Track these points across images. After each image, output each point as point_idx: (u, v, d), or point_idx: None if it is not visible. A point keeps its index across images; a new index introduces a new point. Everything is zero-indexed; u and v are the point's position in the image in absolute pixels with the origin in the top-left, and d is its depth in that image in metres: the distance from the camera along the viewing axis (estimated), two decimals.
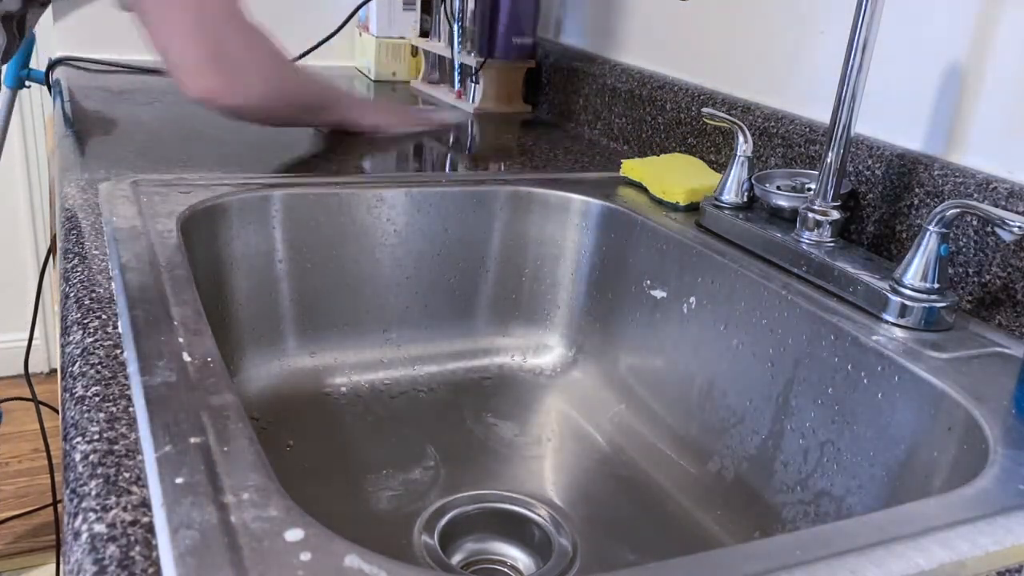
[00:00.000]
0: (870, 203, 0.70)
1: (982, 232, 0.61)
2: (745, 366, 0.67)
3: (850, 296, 0.62)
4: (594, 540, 0.65)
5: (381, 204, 0.79)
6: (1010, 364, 0.55)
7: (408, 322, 0.84)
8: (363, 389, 0.79)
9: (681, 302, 0.74)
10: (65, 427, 0.40)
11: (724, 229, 0.74)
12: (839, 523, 0.38)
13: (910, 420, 0.54)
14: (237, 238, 0.74)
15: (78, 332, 0.48)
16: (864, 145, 0.71)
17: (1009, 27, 0.61)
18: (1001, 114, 0.62)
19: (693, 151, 0.91)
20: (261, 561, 0.32)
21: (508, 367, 0.85)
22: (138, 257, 0.57)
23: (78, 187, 0.71)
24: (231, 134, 0.93)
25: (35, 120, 1.98)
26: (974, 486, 0.43)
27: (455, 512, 0.67)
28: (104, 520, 0.34)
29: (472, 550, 0.66)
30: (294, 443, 0.72)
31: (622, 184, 0.88)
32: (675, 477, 0.71)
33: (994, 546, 0.38)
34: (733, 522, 0.65)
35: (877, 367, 0.56)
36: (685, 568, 0.35)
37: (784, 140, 0.79)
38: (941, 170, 0.64)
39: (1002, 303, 0.61)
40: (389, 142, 0.99)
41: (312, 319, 0.80)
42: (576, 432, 0.77)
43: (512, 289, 0.86)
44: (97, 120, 0.94)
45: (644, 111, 0.99)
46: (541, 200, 0.84)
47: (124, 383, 0.43)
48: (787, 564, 0.35)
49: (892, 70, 0.71)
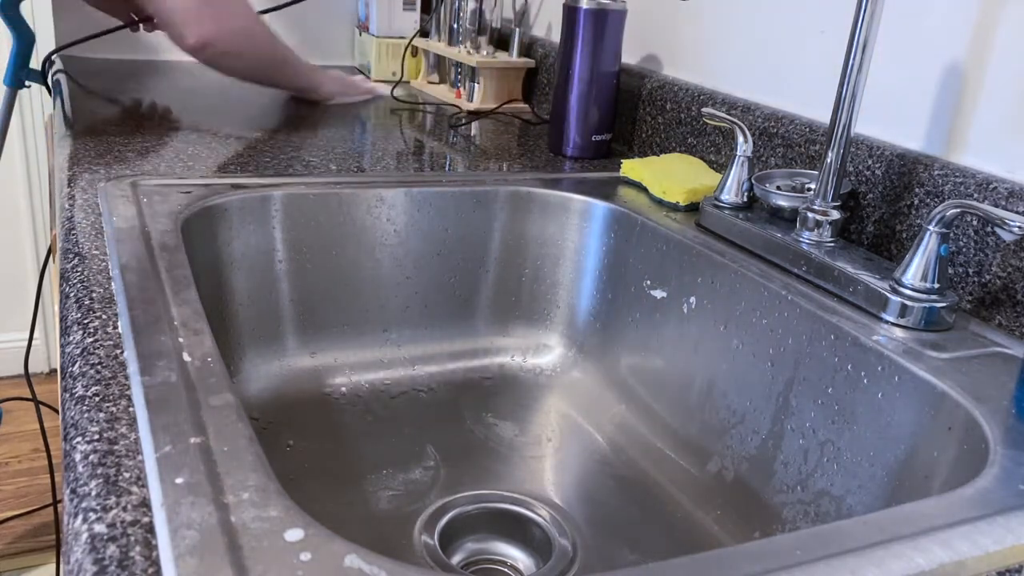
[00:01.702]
0: (870, 203, 0.70)
1: (982, 232, 0.61)
2: (745, 366, 0.67)
3: (850, 296, 0.62)
4: (594, 540, 0.65)
5: (381, 204, 0.79)
6: (1010, 364, 0.55)
7: (408, 322, 0.84)
8: (363, 389, 0.79)
9: (681, 302, 0.74)
10: (65, 427, 0.40)
11: (724, 229, 0.74)
12: (839, 523, 0.38)
13: (910, 420, 0.54)
14: (237, 238, 0.74)
15: (78, 332, 0.48)
16: (864, 145, 0.71)
17: (1009, 27, 0.61)
18: (1001, 114, 0.62)
19: (693, 151, 0.91)
20: (261, 561, 0.32)
21: (508, 367, 0.85)
22: (138, 257, 0.57)
23: (78, 187, 0.71)
24: (231, 134, 0.93)
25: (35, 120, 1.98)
26: (974, 486, 0.43)
27: (455, 512, 0.67)
28: (104, 520, 0.34)
29: (472, 550, 0.66)
30: (294, 443, 0.72)
31: (622, 184, 0.88)
32: (675, 477, 0.71)
33: (994, 546, 0.38)
34: (733, 522, 0.65)
35: (877, 367, 0.56)
36: (685, 568, 0.35)
37: (784, 140, 0.79)
38: (941, 170, 0.64)
39: (1002, 303, 0.61)
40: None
41: (312, 319, 0.80)
42: (576, 432, 0.77)
43: (512, 289, 0.86)
44: (97, 120, 0.94)
45: (644, 111, 0.99)
46: (541, 200, 0.84)
47: (124, 383, 0.43)
48: (787, 564, 0.35)
49: (892, 70, 0.71)
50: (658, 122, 0.96)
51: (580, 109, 0.96)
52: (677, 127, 0.93)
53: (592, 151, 0.98)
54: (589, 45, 0.94)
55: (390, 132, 1.03)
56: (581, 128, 0.97)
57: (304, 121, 1.03)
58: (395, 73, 1.37)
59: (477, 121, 1.13)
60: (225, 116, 1.01)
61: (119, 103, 1.04)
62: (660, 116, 0.96)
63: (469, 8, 1.21)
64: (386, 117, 1.11)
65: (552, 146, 0.99)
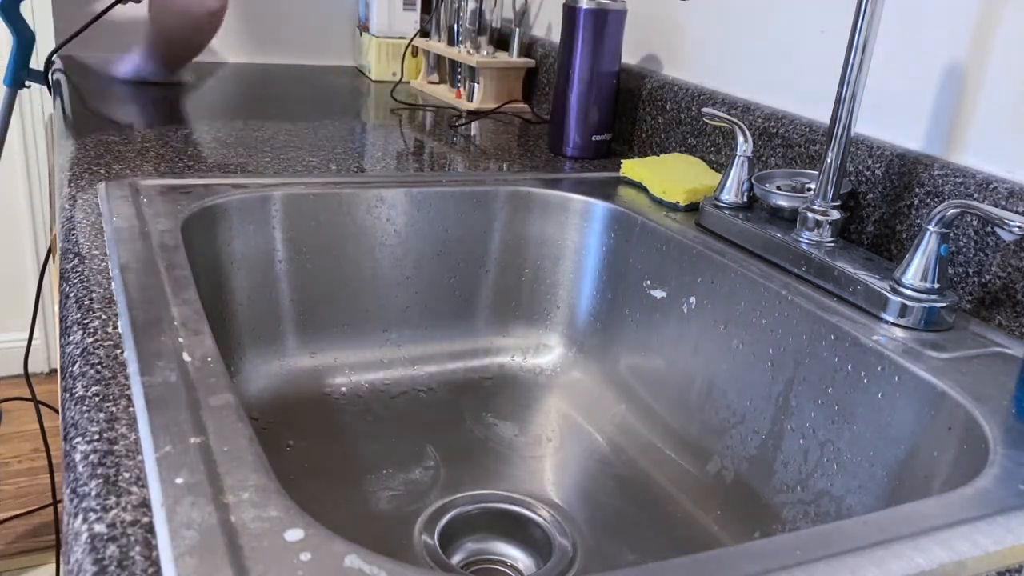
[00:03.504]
0: (870, 203, 0.70)
1: (982, 232, 0.61)
2: (745, 366, 0.67)
3: (850, 296, 0.62)
4: (594, 540, 0.65)
5: (381, 204, 0.79)
6: (1010, 364, 0.55)
7: (408, 322, 0.84)
8: (363, 389, 0.79)
9: (681, 302, 0.74)
10: (65, 427, 0.40)
11: (724, 229, 0.74)
12: (839, 523, 0.38)
13: (910, 420, 0.54)
14: (237, 238, 0.74)
15: (78, 332, 0.48)
16: (864, 145, 0.71)
17: (1009, 27, 0.61)
18: (1001, 114, 0.62)
19: (693, 151, 0.91)
20: (261, 561, 0.32)
21: (508, 367, 0.85)
22: (138, 257, 0.57)
23: (78, 187, 0.71)
24: (231, 134, 0.93)
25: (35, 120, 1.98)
26: (974, 486, 0.43)
27: (455, 512, 0.67)
28: (104, 520, 0.34)
29: (472, 550, 0.66)
30: (294, 443, 0.72)
31: (622, 184, 0.88)
32: (675, 477, 0.71)
33: (994, 546, 0.38)
34: (733, 522, 0.65)
35: (877, 367, 0.56)
36: (685, 568, 0.35)
37: (784, 140, 0.79)
38: (941, 170, 0.64)
39: (1002, 303, 0.61)
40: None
41: (312, 319, 0.80)
42: (576, 432, 0.77)
43: (512, 289, 0.86)
44: (97, 120, 0.94)
45: (644, 111, 0.99)
46: (541, 200, 0.84)
47: (124, 383, 0.43)
48: (787, 564, 0.35)
49: (892, 70, 0.71)
50: (658, 122, 0.96)
51: (580, 109, 0.96)
52: (677, 127, 0.93)
53: (592, 151, 0.98)
54: (589, 45, 0.94)
55: (390, 132, 1.03)
56: (581, 128, 0.97)
57: (304, 121, 1.03)
58: (395, 73, 1.37)
59: (477, 121, 1.13)
60: (225, 116, 1.01)
61: (120, 103, 1.04)
62: (660, 116, 0.96)
63: (469, 8, 1.21)
64: (386, 117, 1.11)
65: (552, 146, 0.99)
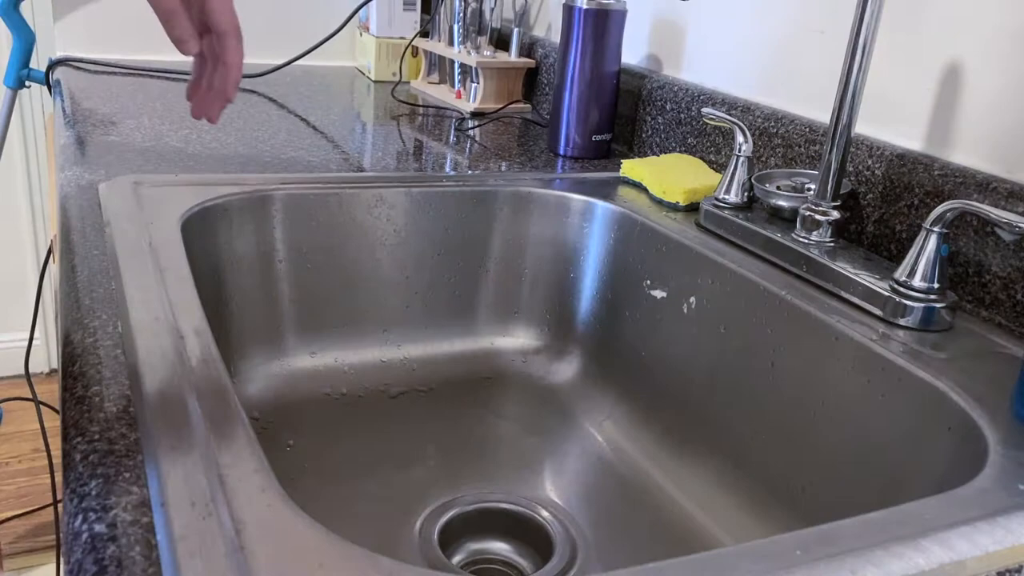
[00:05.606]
0: (870, 203, 0.70)
1: (982, 232, 0.61)
2: (745, 366, 0.67)
3: (850, 296, 0.62)
4: (594, 540, 0.65)
5: (381, 204, 0.79)
6: (1010, 364, 0.55)
7: (408, 322, 0.84)
8: (363, 389, 0.79)
9: (681, 302, 0.74)
10: (65, 427, 0.40)
11: (724, 229, 0.74)
12: (839, 523, 0.38)
13: (910, 420, 0.54)
14: (237, 238, 0.74)
15: (78, 332, 0.48)
16: (864, 145, 0.71)
17: (1009, 27, 0.61)
18: (1000, 114, 0.62)
19: (693, 151, 0.91)
20: (261, 561, 0.32)
21: (508, 367, 0.85)
22: (138, 257, 0.57)
23: (78, 187, 0.71)
24: (231, 134, 0.93)
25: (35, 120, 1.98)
26: (974, 486, 0.43)
27: (455, 512, 0.67)
28: (104, 520, 0.34)
29: (472, 550, 0.66)
30: (294, 443, 0.72)
31: (622, 184, 0.88)
32: (675, 477, 0.71)
33: (994, 546, 0.38)
34: (733, 522, 0.65)
35: (877, 367, 0.56)
36: (685, 568, 0.35)
37: (784, 140, 0.79)
38: (941, 170, 0.64)
39: (1002, 303, 0.61)
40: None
41: (312, 319, 0.80)
42: (576, 432, 0.77)
43: (512, 289, 0.86)
44: (97, 120, 0.94)
45: (644, 111, 0.99)
46: (541, 200, 0.84)
47: (124, 383, 0.43)
48: (787, 564, 0.35)
49: (892, 70, 0.71)
50: (658, 122, 0.96)
51: (580, 109, 0.96)
52: (677, 127, 0.93)
53: (592, 151, 0.98)
54: (589, 45, 0.94)
55: (390, 132, 1.03)
56: (581, 128, 0.97)
57: (304, 121, 1.03)
58: (395, 73, 1.37)
59: (477, 121, 1.13)
60: (225, 116, 1.01)
61: (120, 103, 1.04)
62: (660, 116, 0.96)
63: (469, 8, 1.21)
64: (386, 117, 1.11)
65: (552, 146, 0.99)
